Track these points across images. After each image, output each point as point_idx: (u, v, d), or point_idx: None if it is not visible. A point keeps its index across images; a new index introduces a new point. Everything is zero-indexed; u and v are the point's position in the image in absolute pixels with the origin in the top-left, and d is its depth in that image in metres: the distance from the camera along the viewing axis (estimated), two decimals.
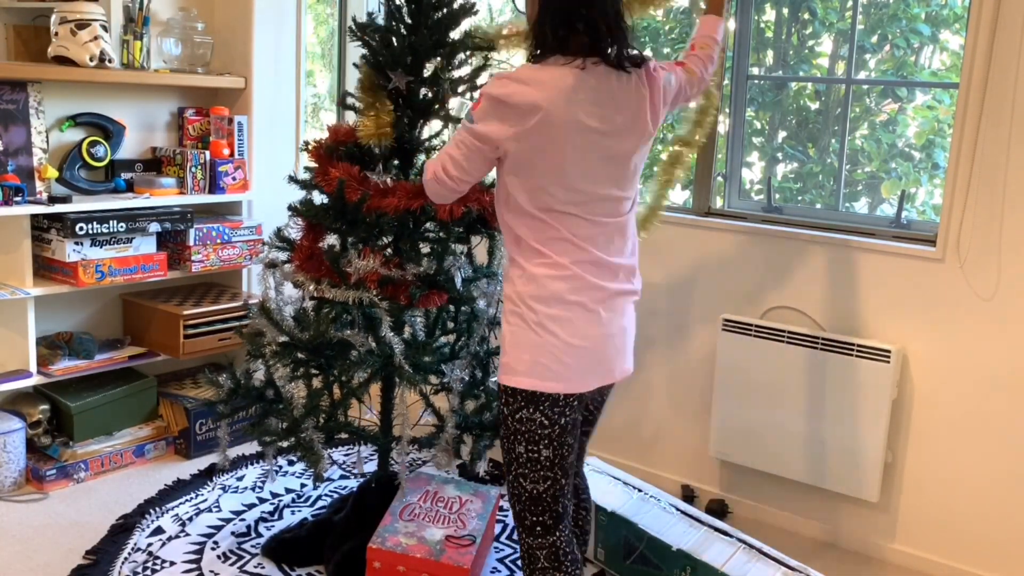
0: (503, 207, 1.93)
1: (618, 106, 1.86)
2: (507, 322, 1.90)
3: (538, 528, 1.93)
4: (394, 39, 2.54)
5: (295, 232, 2.63)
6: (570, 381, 1.87)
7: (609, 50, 1.85)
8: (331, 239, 2.60)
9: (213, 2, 3.65)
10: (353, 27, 2.58)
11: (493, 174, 1.99)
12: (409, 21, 2.55)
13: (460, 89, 2.63)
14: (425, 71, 2.58)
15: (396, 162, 2.62)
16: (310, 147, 2.61)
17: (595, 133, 1.83)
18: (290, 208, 2.62)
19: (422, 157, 2.68)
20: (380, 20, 2.59)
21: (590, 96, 1.82)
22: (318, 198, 2.61)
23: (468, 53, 2.61)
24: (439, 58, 2.57)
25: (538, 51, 1.88)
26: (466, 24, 2.61)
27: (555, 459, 1.89)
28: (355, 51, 2.71)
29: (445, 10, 2.55)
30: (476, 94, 1.84)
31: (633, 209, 2.00)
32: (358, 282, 2.42)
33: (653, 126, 1.95)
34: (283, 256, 2.64)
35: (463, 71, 2.63)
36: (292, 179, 2.66)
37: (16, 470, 3.04)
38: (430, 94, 2.59)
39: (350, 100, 2.60)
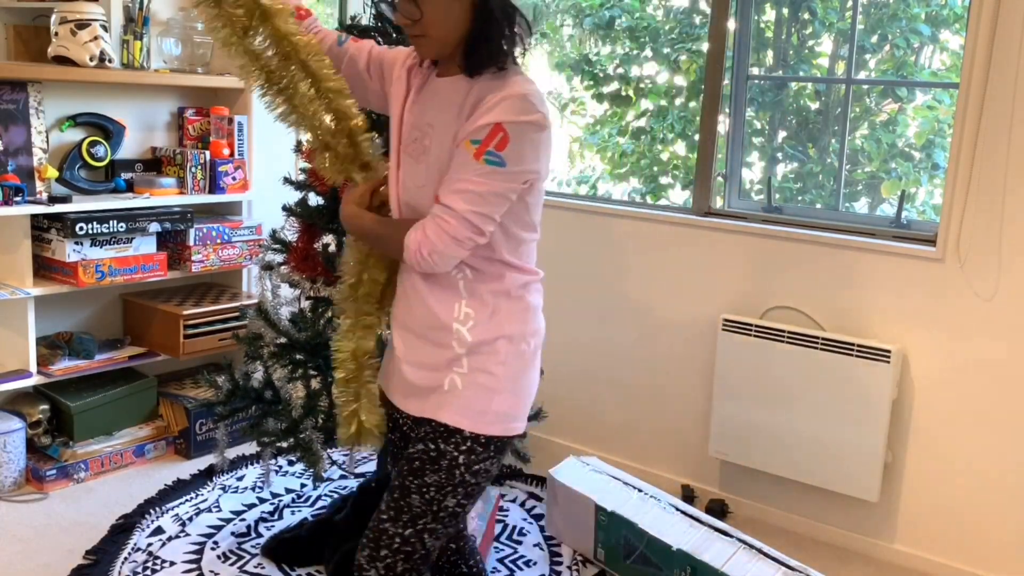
0: (500, 244, 1.63)
1: None
2: (501, 363, 1.62)
3: None
4: (381, 39, 2.55)
5: (291, 233, 2.64)
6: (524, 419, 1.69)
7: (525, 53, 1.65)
8: (327, 239, 2.61)
9: None
10: (341, 28, 2.60)
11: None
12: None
13: None
14: None
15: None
16: (303, 148, 2.61)
17: None
18: (284, 209, 2.63)
19: None
20: (365, 21, 2.60)
21: None
22: (313, 199, 2.62)
23: None
24: None
25: (496, 67, 1.58)
26: None
27: (464, 511, 1.66)
28: None
29: None
30: (485, 128, 1.51)
31: None
32: None
33: None
34: (279, 258, 2.65)
35: None
36: (287, 180, 2.67)
37: (16, 470, 3.04)
38: None
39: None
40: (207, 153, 3.43)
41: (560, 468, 2.89)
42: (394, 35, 2.57)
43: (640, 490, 2.78)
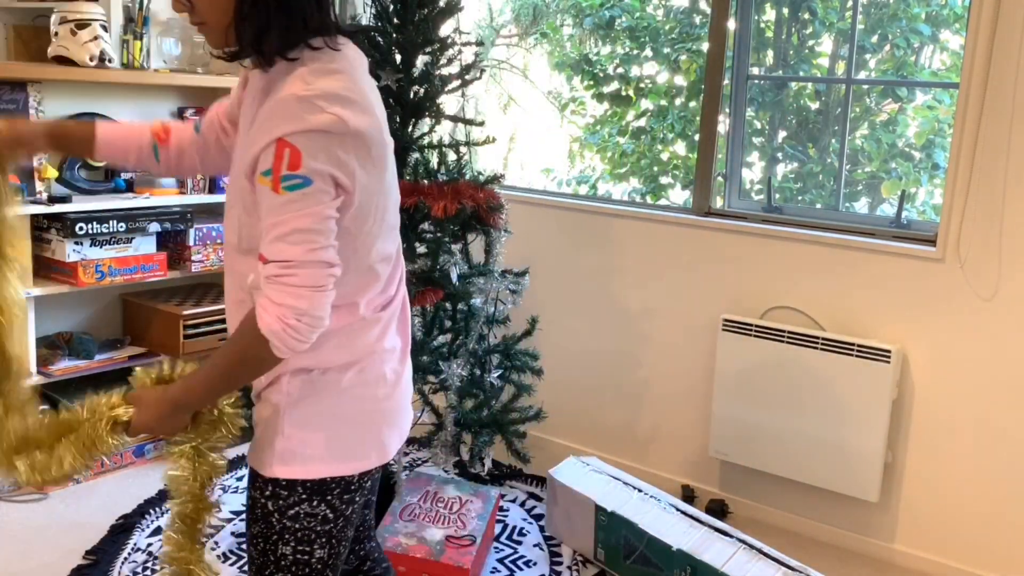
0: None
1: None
2: (286, 393, 1.42)
3: None
4: (381, 38, 2.55)
5: None
6: (372, 456, 1.47)
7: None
8: None
9: None
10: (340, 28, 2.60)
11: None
12: (396, 21, 2.56)
13: (450, 87, 2.64)
14: (414, 69, 2.60)
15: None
16: None
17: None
18: None
19: (415, 156, 2.68)
20: (365, 21, 2.61)
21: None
22: None
23: (458, 50, 2.62)
24: (428, 55, 2.59)
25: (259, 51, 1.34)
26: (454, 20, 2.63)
27: (329, 559, 1.48)
28: None
29: (431, 7, 2.57)
30: (268, 151, 1.26)
31: None
32: None
33: None
34: None
35: (453, 68, 2.65)
36: None
37: None
38: (421, 91, 2.60)
39: None
40: None
41: (560, 468, 2.89)
42: (393, 35, 2.57)
43: (640, 490, 2.78)
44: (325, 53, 1.33)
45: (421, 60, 2.62)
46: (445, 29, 2.64)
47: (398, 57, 2.59)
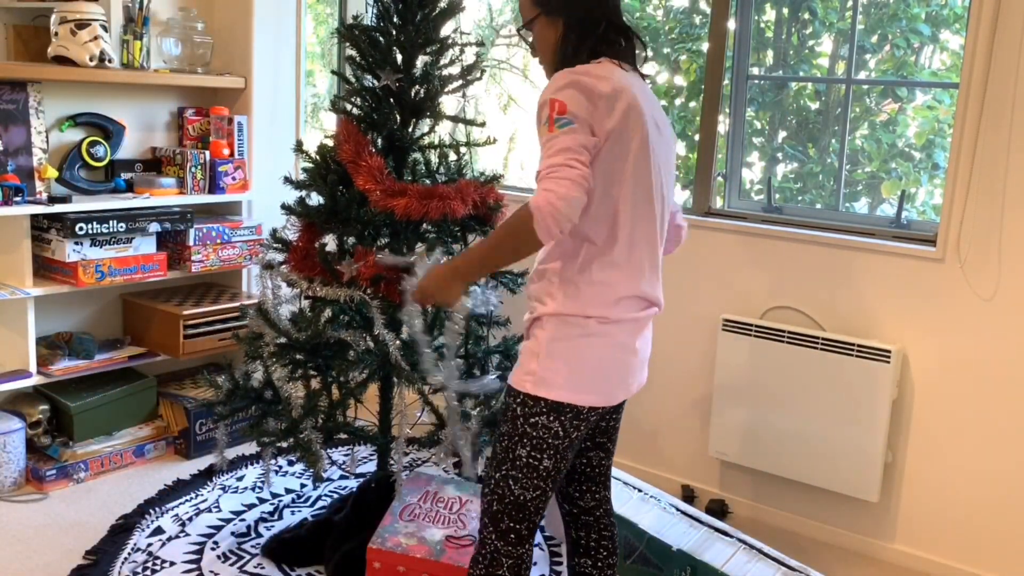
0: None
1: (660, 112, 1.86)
2: (542, 328, 1.79)
3: (511, 536, 1.83)
4: (381, 38, 2.55)
5: (292, 233, 2.64)
6: (600, 394, 1.79)
7: (636, 50, 1.84)
8: (328, 239, 2.61)
9: (213, 2, 3.65)
10: (341, 28, 2.60)
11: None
12: (397, 21, 2.56)
13: (451, 87, 2.64)
14: (415, 69, 2.60)
15: (391, 161, 2.61)
16: (343, 116, 2.58)
17: (658, 137, 1.80)
18: (283, 207, 2.63)
19: (416, 156, 2.68)
20: (367, 21, 2.61)
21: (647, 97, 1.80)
22: (314, 199, 2.62)
23: (459, 50, 2.62)
24: (429, 55, 2.59)
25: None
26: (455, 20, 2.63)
27: (553, 471, 1.81)
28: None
29: (432, 7, 2.57)
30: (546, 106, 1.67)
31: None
32: (351, 280, 2.43)
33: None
34: (279, 257, 2.65)
35: (453, 68, 2.65)
36: (287, 180, 2.67)
37: (16, 470, 3.04)
38: (422, 91, 2.60)
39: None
40: (207, 153, 3.43)
41: None
42: (393, 34, 2.57)
43: (640, 490, 2.78)
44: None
45: (422, 60, 2.62)
46: (446, 29, 2.64)
47: (399, 57, 2.59)
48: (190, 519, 2.91)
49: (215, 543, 2.77)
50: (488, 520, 1.85)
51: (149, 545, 2.73)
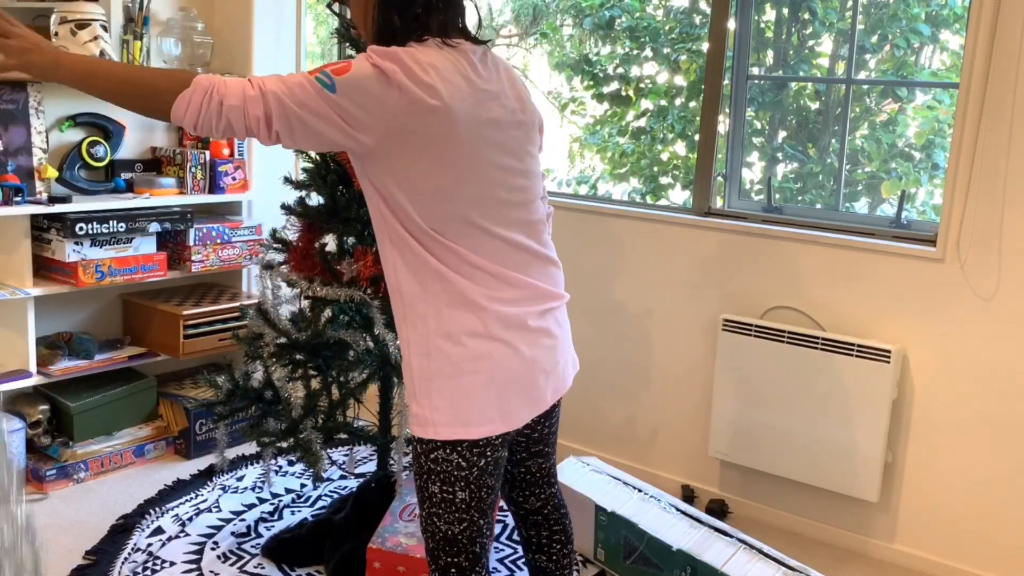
0: (392, 227, 1.62)
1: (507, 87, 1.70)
2: (412, 366, 1.66)
3: (452, 570, 1.74)
4: None
5: (292, 233, 2.64)
6: (494, 422, 1.64)
7: (468, 27, 1.67)
8: (328, 239, 2.61)
9: (213, 2, 3.65)
10: (341, 29, 2.60)
11: None
12: None
13: None
14: None
15: None
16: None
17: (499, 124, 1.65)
18: (283, 207, 2.63)
19: None
20: None
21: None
22: (314, 199, 2.62)
23: None
24: None
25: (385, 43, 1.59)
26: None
27: (473, 500, 1.69)
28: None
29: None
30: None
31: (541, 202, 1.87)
32: (351, 280, 2.43)
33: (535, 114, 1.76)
34: (279, 257, 2.65)
35: None
36: (287, 180, 2.67)
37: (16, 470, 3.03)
38: None
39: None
40: (207, 153, 3.43)
41: (560, 468, 2.89)
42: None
43: (640, 490, 2.78)
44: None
45: None
46: None
47: None
48: (190, 519, 2.91)
49: (215, 543, 2.77)
50: (429, 558, 1.77)
51: (149, 545, 2.73)
